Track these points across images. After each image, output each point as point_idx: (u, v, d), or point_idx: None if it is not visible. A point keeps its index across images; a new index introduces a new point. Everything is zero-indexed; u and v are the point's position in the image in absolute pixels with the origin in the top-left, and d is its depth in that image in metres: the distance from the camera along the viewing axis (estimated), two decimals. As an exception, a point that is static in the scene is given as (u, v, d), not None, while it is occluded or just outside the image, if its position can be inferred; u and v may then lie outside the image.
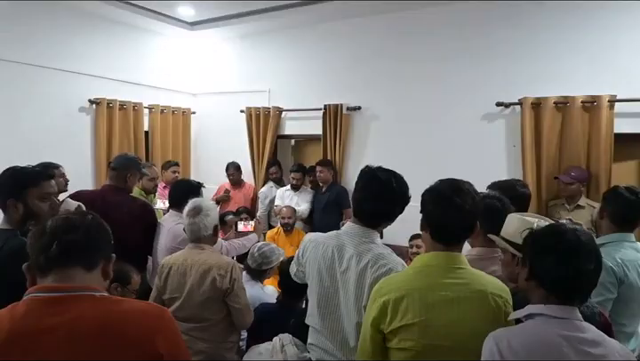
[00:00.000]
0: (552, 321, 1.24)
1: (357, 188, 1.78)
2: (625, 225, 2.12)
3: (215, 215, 2.32)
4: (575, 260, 1.24)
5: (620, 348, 1.25)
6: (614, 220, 2.12)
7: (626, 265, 1.99)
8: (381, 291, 1.47)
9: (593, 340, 1.22)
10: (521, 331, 1.26)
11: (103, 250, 1.23)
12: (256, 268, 2.74)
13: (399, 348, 1.42)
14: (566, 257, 1.25)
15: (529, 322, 1.28)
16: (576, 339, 1.21)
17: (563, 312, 1.24)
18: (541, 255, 1.30)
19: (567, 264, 1.24)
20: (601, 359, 1.19)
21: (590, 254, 1.26)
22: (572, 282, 1.25)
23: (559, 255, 1.25)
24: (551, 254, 1.27)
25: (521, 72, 3.96)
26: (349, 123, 4.80)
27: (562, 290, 1.26)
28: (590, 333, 1.23)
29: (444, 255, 1.46)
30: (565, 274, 1.24)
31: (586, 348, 1.19)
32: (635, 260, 2.03)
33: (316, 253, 1.80)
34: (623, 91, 3.55)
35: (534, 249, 1.33)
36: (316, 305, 1.79)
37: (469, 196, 1.46)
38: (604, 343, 1.23)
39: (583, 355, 1.19)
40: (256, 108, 5.30)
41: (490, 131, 4.11)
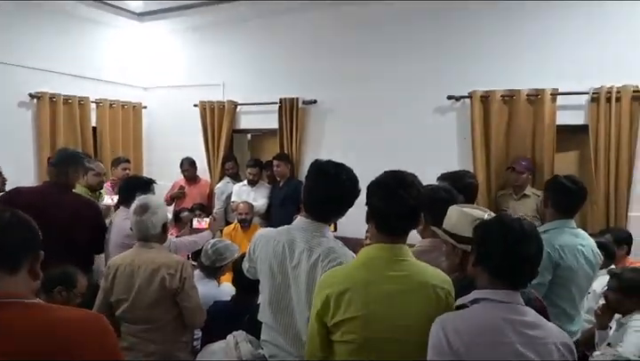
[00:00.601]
0: (496, 305, 1.29)
1: (307, 182, 1.77)
2: (566, 212, 2.22)
3: (164, 213, 2.25)
4: (518, 246, 1.30)
5: (557, 332, 1.32)
6: (557, 207, 2.21)
7: (563, 250, 2.09)
8: (324, 284, 1.48)
9: (533, 323, 1.28)
10: (466, 315, 1.31)
11: (27, 248, 1.10)
12: (210, 265, 2.69)
13: (342, 341, 1.43)
14: (510, 243, 1.31)
15: (474, 306, 1.33)
16: (518, 322, 1.26)
17: (506, 296, 1.30)
18: (488, 242, 1.36)
19: (511, 250, 1.30)
20: (540, 341, 1.25)
21: (532, 241, 1.32)
22: (516, 267, 1.31)
23: (504, 242, 1.31)
24: (497, 241, 1.33)
25: (471, 66, 4.07)
26: (305, 116, 4.79)
27: (506, 275, 1.31)
28: (531, 317, 1.30)
29: (387, 247, 1.47)
30: (509, 259, 1.30)
31: (526, 331, 1.25)
32: (574, 245, 2.14)
33: (267, 249, 1.77)
34: (564, 84, 3.73)
35: (482, 237, 1.39)
36: (267, 301, 1.78)
37: (413, 188, 1.48)
38: (543, 326, 1.29)
39: (524, 337, 1.25)
40: (210, 103, 5.19)
41: (442, 123, 4.22)
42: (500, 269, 1.32)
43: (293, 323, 1.72)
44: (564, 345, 1.28)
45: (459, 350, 1.23)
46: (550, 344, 1.25)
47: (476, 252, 1.39)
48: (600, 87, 3.57)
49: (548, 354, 1.24)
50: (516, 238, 1.31)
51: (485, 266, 1.35)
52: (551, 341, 1.26)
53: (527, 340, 1.24)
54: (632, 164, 3.54)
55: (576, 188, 2.22)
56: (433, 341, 1.28)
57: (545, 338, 1.26)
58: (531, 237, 1.33)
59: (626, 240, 3.25)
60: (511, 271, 1.32)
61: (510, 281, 1.32)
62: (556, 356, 1.25)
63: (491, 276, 1.33)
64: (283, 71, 4.91)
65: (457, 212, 1.71)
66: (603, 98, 3.54)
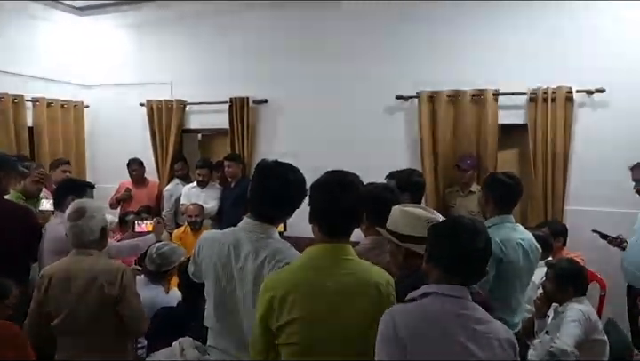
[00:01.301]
0: (445, 299, 1.33)
1: (253, 182, 1.75)
2: (505, 207, 2.30)
3: (102, 217, 2.14)
4: (468, 243, 1.34)
5: (501, 327, 1.37)
6: (496, 203, 2.28)
7: (504, 245, 2.16)
8: (267, 287, 1.46)
9: (480, 319, 1.33)
10: (416, 307, 1.34)
11: None
12: (155, 270, 2.59)
13: (287, 343, 1.42)
14: (460, 240, 1.35)
15: (424, 299, 1.36)
16: (465, 316, 1.31)
17: (455, 291, 1.34)
18: (439, 239, 1.41)
19: (461, 246, 1.35)
20: (484, 335, 1.30)
21: (483, 240, 1.37)
22: (467, 265, 1.35)
23: (454, 239, 1.36)
24: (448, 238, 1.38)
25: (418, 67, 4.17)
26: (256, 116, 4.74)
27: (457, 272, 1.35)
28: (478, 312, 1.34)
29: (330, 247, 1.47)
30: (461, 258, 1.34)
31: (473, 325, 1.30)
32: (514, 239, 2.21)
33: (212, 251, 1.73)
34: (506, 85, 3.89)
35: (434, 235, 1.44)
36: (213, 305, 1.73)
37: (354, 188, 1.49)
38: (490, 323, 1.34)
39: (470, 331, 1.29)
40: (157, 102, 5.02)
41: (391, 122, 4.30)
42: (452, 267, 1.36)
43: (240, 326, 1.68)
44: (506, 341, 1.32)
45: (404, 340, 1.26)
46: (493, 339, 1.30)
47: (430, 250, 1.42)
48: (537, 88, 3.76)
49: (490, 347, 1.28)
50: (469, 238, 1.35)
51: (438, 263, 1.38)
52: (494, 337, 1.30)
53: (472, 334, 1.28)
54: (567, 161, 3.75)
55: (513, 184, 2.30)
56: (381, 330, 1.30)
57: (489, 333, 1.30)
58: (482, 236, 1.37)
59: (562, 233, 3.44)
60: (463, 269, 1.36)
61: (461, 278, 1.36)
62: (497, 351, 1.29)
63: (442, 274, 1.37)
64: (233, 70, 4.82)
65: (400, 211, 1.74)
66: (540, 98, 3.73)
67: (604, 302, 3.30)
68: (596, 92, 3.66)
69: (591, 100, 3.72)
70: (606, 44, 3.64)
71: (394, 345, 1.27)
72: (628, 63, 3.57)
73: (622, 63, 3.58)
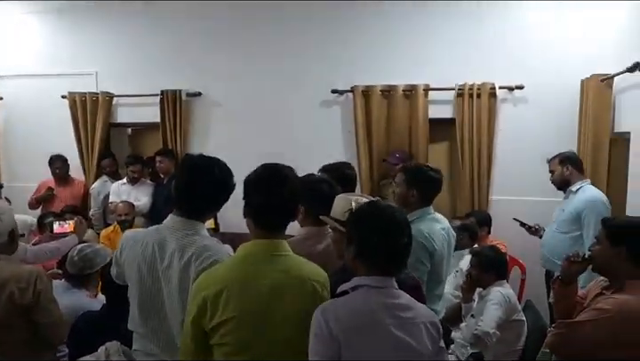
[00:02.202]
0: (373, 290, 1.35)
1: (177, 177, 1.69)
2: (430, 200, 2.34)
3: (10, 219, 1.96)
4: (391, 233, 1.37)
5: (425, 311, 1.42)
6: (421, 197, 2.29)
7: (433, 238, 2.20)
8: (200, 286, 1.42)
9: (405, 305, 1.36)
10: (345, 301, 1.36)
11: None
12: (77, 273, 2.43)
13: (221, 343, 1.39)
14: (383, 232, 1.37)
15: (353, 293, 1.38)
16: (392, 305, 1.34)
17: (382, 282, 1.37)
18: (362, 231, 1.40)
19: (384, 238, 1.36)
20: (411, 321, 1.34)
21: (403, 228, 1.40)
22: (390, 254, 1.37)
23: (377, 231, 1.37)
24: (370, 230, 1.38)
25: (353, 62, 4.22)
26: (190, 109, 4.59)
27: (381, 262, 1.37)
28: (403, 299, 1.38)
29: (265, 243, 1.46)
30: (383, 247, 1.36)
31: (399, 313, 1.34)
32: (437, 231, 2.26)
33: (135, 251, 1.65)
34: (435, 80, 4.04)
35: (356, 226, 1.44)
36: (137, 307, 1.65)
37: (288, 181, 1.48)
38: (414, 307, 1.38)
39: (397, 319, 1.33)
40: (81, 94, 4.71)
41: (327, 116, 4.33)
42: (374, 257, 1.37)
43: (166, 328, 1.62)
44: (432, 324, 1.38)
45: (338, 336, 1.27)
46: (420, 324, 1.35)
47: (353, 241, 1.42)
48: (463, 84, 3.94)
49: (419, 333, 1.33)
50: (386, 227, 1.37)
51: (361, 255, 1.39)
52: (420, 321, 1.35)
53: (400, 322, 1.32)
54: (491, 153, 3.97)
55: (439, 178, 2.34)
56: (314, 329, 1.30)
57: (415, 318, 1.35)
58: (400, 225, 1.40)
59: (486, 222, 3.65)
60: (383, 259, 1.37)
61: (386, 267, 1.38)
62: (425, 335, 1.34)
63: (367, 265, 1.38)
64: (164, 61, 4.63)
65: (343, 199, 1.76)
66: (466, 94, 3.92)
67: (524, 285, 3.54)
68: (516, 88, 3.90)
69: (512, 95, 3.97)
70: (527, 43, 3.88)
71: (327, 343, 1.28)
72: (544, 62, 3.83)
73: (540, 62, 3.83)
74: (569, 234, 3.09)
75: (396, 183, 2.38)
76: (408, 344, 1.31)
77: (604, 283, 1.97)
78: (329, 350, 1.28)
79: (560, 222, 3.20)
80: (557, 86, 3.81)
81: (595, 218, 2.88)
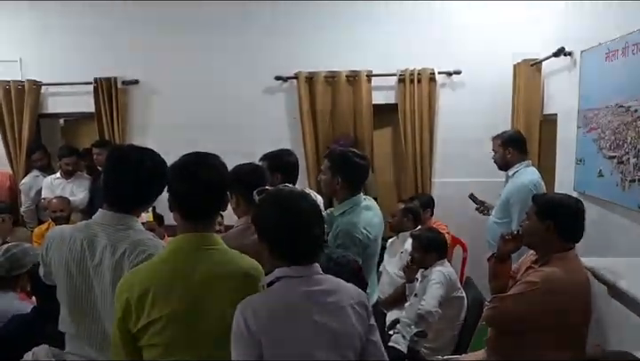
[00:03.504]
0: (294, 281, 1.31)
1: (106, 170, 1.61)
2: (357, 188, 2.25)
3: None
4: (298, 222, 1.32)
5: (352, 290, 1.38)
6: (350, 186, 2.21)
7: (369, 230, 2.16)
8: (124, 286, 1.35)
9: (329, 290, 1.33)
10: (265, 296, 1.32)
11: None
12: (4, 274, 2.27)
13: (149, 344, 1.33)
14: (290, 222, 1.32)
15: (273, 286, 1.33)
16: (315, 292, 1.31)
17: (303, 271, 1.32)
18: (270, 226, 1.35)
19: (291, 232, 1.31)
20: (337, 305, 1.31)
21: (312, 215, 1.36)
22: (300, 243, 1.32)
23: (284, 222, 1.32)
24: (277, 223, 1.33)
25: (296, 48, 4.19)
26: (127, 98, 4.37)
27: (295, 255, 1.32)
28: (327, 284, 1.34)
29: (193, 237, 1.40)
30: (292, 241, 1.31)
31: (322, 299, 1.30)
32: (370, 220, 2.22)
33: (62, 249, 1.56)
34: (378, 66, 4.09)
35: (262, 222, 1.38)
36: (67, 308, 1.57)
37: (214, 169, 1.43)
38: (340, 290, 1.34)
39: (321, 305, 1.29)
40: (5, 82, 4.35)
41: (271, 103, 4.29)
42: (285, 253, 1.33)
43: (100, 328, 1.55)
44: (359, 304, 1.34)
45: (257, 333, 1.22)
46: (347, 307, 1.31)
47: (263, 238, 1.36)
48: (405, 69, 4.01)
49: (344, 315, 1.30)
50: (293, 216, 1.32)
51: (273, 250, 1.34)
52: (347, 304, 1.32)
53: (324, 308, 1.29)
54: (433, 137, 4.09)
55: (366, 164, 2.27)
56: (234, 329, 1.25)
57: (341, 301, 1.31)
58: (308, 212, 1.35)
59: (429, 204, 3.77)
60: (295, 249, 1.32)
61: (301, 257, 1.33)
62: (352, 317, 1.31)
63: (283, 257, 1.33)
64: (97, 47, 4.34)
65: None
66: (407, 79, 4.00)
67: (465, 263, 3.70)
68: (454, 73, 4.03)
69: (450, 80, 4.10)
70: (463, 29, 4.01)
71: (247, 342, 1.23)
72: (479, 48, 3.97)
73: (475, 47, 3.98)
74: (501, 220, 3.08)
75: (322, 170, 2.31)
76: (332, 328, 1.28)
77: (534, 257, 2.10)
78: (249, 351, 1.23)
79: (496, 208, 3.22)
80: (492, 71, 3.98)
81: (520, 205, 2.85)
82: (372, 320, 1.38)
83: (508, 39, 3.92)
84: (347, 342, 1.31)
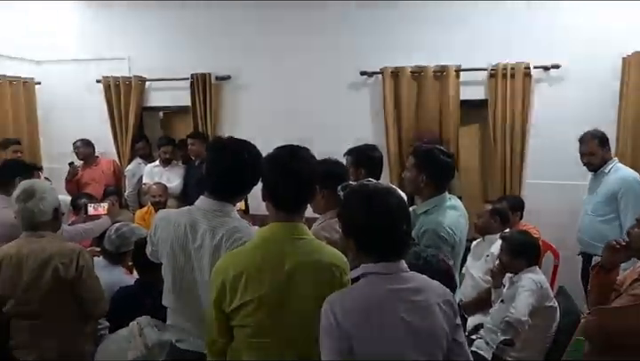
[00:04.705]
0: (381, 277, 1.30)
1: (207, 160, 1.73)
2: (443, 187, 2.18)
3: (53, 197, 2.06)
4: (384, 218, 1.30)
5: (440, 289, 1.35)
6: (436, 185, 2.14)
7: (454, 230, 2.09)
8: (219, 269, 1.44)
9: (416, 289, 1.31)
10: (352, 292, 1.33)
11: None
12: (114, 251, 2.53)
13: (241, 325, 1.41)
14: (376, 218, 1.30)
15: (360, 281, 1.34)
16: (401, 290, 1.29)
17: (390, 268, 1.31)
18: (355, 222, 1.34)
19: (378, 225, 1.30)
20: (423, 304, 1.30)
21: (396, 208, 1.33)
22: (386, 239, 1.30)
23: (368, 215, 1.31)
24: (363, 219, 1.32)
25: (382, 43, 4.15)
26: (219, 93, 4.63)
27: (379, 248, 1.31)
28: (414, 283, 1.32)
29: (284, 226, 1.46)
30: (377, 232, 1.29)
31: (410, 297, 1.29)
32: (456, 220, 2.15)
33: (168, 231, 1.70)
34: (467, 61, 3.93)
35: (348, 218, 1.38)
36: (171, 285, 1.71)
37: (305, 162, 1.48)
38: (426, 289, 1.33)
39: (408, 303, 1.28)
40: (115, 78, 4.82)
41: (356, 98, 4.29)
42: (369, 245, 1.32)
43: (198, 306, 1.67)
44: (445, 302, 1.33)
45: (348, 330, 1.23)
46: (434, 305, 1.30)
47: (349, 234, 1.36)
48: (497, 64, 3.82)
49: (431, 315, 1.29)
50: (381, 212, 1.30)
51: (358, 245, 1.34)
52: (434, 302, 1.30)
53: (412, 307, 1.28)
54: (525, 135, 3.85)
55: (452, 162, 2.20)
56: (323, 323, 1.27)
57: (428, 300, 1.30)
58: (393, 206, 1.32)
59: (519, 207, 3.56)
60: (381, 244, 1.31)
61: (385, 254, 1.31)
62: (439, 316, 1.30)
63: (368, 254, 1.33)
64: (194, 45, 4.66)
65: None
66: (499, 74, 3.80)
67: (556, 271, 3.46)
68: (552, 67, 3.75)
69: (548, 75, 3.82)
70: (564, 20, 3.71)
71: (337, 337, 1.24)
72: (582, 39, 3.65)
73: (577, 39, 3.66)
74: (605, 216, 3.00)
75: (407, 167, 2.25)
76: (421, 328, 1.27)
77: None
78: (339, 344, 1.24)
79: (595, 205, 3.09)
80: (597, 64, 3.64)
81: (633, 198, 2.81)
82: (457, 319, 1.36)
83: (617, 29, 3.57)
84: (434, 342, 1.29)
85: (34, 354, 1.99)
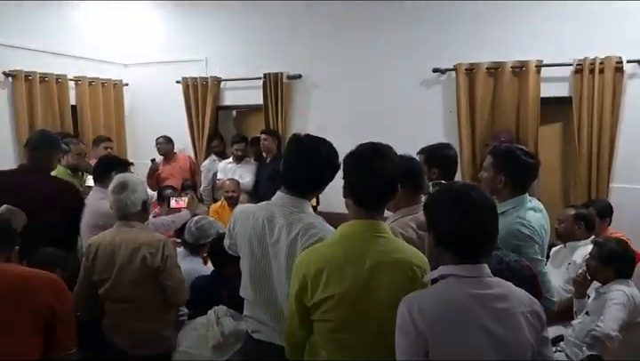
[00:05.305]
0: (462, 280, 1.25)
1: (285, 156, 1.75)
2: (523, 189, 2.07)
3: (143, 190, 2.21)
4: (471, 215, 1.24)
5: (526, 298, 1.28)
6: (514, 186, 2.04)
7: (533, 226, 1.97)
8: (301, 264, 1.46)
9: (500, 295, 1.24)
10: (431, 293, 1.28)
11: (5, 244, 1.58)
12: (193, 242, 2.68)
13: (322, 319, 1.43)
14: (462, 214, 1.25)
15: (439, 283, 1.29)
16: (484, 296, 1.23)
17: (472, 271, 1.26)
18: (440, 217, 1.30)
19: (464, 221, 1.24)
20: (508, 313, 1.23)
21: (485, 208, 1.27)
22: (472, 238, 1.25)
23: (455, 214, 1.25)
24: (447, 214, 1.27)
25: (456, 38, 4.03)
26: (290, 91, 4.72)
27: (465, 248, 1.26)
28: (498, 289, 1.26)
29: (365, 223, 1.45)
30: (464, 231, 1.24)
31: (493, 304, 1.22)
32: (537, 220, 2.03)
33: (247, 225, 1.75)
34: (549, 56, 3.70)
35: (431, 210, 1.35)
36: (248, 277, 1.77)
37: (389, 159, 1.46)
38: (511, 296, 1.26)
39: (491, 310, 1.21)
40: (193, 79, 5.08)
41: (427, 96, 4.20)
42: (455, 244, 1.27)
43: (274, 298, 1.71)
44: (532, 313, 1.25)
45: (424, 331, 1.20)
46: (518, 315, 1.23)
47: (432, 229, 1.33)
48: (584, 59, 3.55)
49: (516, 324, 1.22)
50: (465, 209, 1.25)
51: (441, 242, 1.30)
52: (519, 312, 1.23)
53: (495, 314, 1.21)
54: (614, 136, 3.56)
55: (534, 163, 2.07)
56: (398, 322, 1.25)
57: (513, 308, 1.23)
58: (480, 205, 1.26)
59: (608, 213, 3.29)
60: (467, 244, 1.26)
61: (470, 254, 1.26)
62: (525, 327, 1.22)
63: (451, 253, 1.28)
64: (266, 45, 4.81)
65: None
66: (586, 69, 3.54)
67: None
68: (649, 61, 3.43)
69: (643, 70, 3.50)
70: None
71: (413, 337, 1.21)
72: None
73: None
74: None
75: (484, 167, 2.14)
76: (502, 336, 1.19)
77: None
78: (414, 346, 1.21)
79: None
80: None
81: None
82: (545, 332, 1.27)
83: None
84: (518, 353, 1.22)
85: (123, 335, 2.15)
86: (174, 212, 3.10)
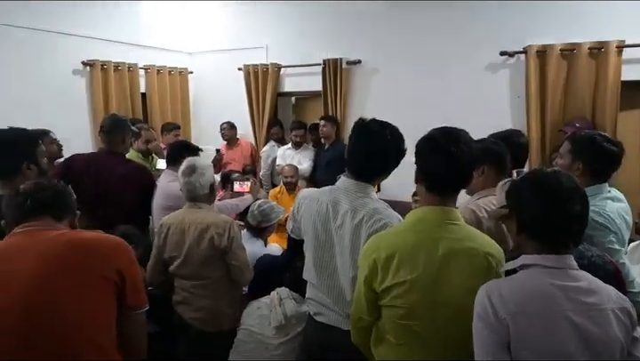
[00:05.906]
0: (546, 271, 1.20)
1: (350, 141, 1.75)
2: (598, 176, 1.95)
3: (210, 174, 2.30)
4: (559, 203, 1.19)
5: (614, 295, 1.21)
6: (593, 175, 1.93)
7: (610, 216, 1.87)
8: (371, 249, 1.45)
9: (588, 289, 1.18)
10: (513, 282, 1.23)
11: (68, 208, 1.58)
12: (256, 225, 2.75)
13: (391, 305, 1.42)
14: (550, 201, 1.20)
15: (522, 272, 1.25)
16: (570, 288, 1.18)
17: (557, 262, 1.20)
18: (523, 201, 1.26)
19: (552, 208, 1.19)
20: (596, 308, 1.16)
21: (574, 195, 1.21)
22: (561, 226, 1.20)
23: (543, 201, 1.20)
24: (535, 201, 1.22)
25: (526, 19, 3.81)
26: (349, 77, 4.69)
27: (552, 237, 1.21)
28: (585, 282, 1.20)
29: (437, 210, 1.43)
30: (552, 219, 1.19)
31: (580, 297, 1.17)
32: (616, 210, 1.91)
33: (311, 209, 1.78)
34: (632, 36, 3.41)
35: (516, 196, 1.29)
36: (312, 260, 1.80)
37: (464, 144, 1.41)
38: (599, 291, 1.20)
39: (577, 303, 1.16)
40: (254, 66, 5.18)
41: (494, 81, 4.02)
42: (541, 232, 1.21)
43: (337, 282, 1.73)
44: (622, 310, 1.19)
45: (505, 319, 1.16)
46: (607, 310, 1.16)
47: (515, 217, 1.28)
48: (673, 37, 3.24)
49: (605, 321, 1.15)
50: (554, 196, 1.19)
51: (526, 231, 1.25)
52: (609, 308, 1.17)
53: (581, 308, 1.16)
54: None
55: (616, 151, 1.92)
56: (477, 310, 1.21)
57: (601, 304, 1.17)
58: (570, 192, 1.20)
59: (696, 205, 3.01)
60: (555, 232, 1.20)
61: (556, 243, 1.21)
62: (614, 324, 1.16)
63: (535, 242, 1.23)
64: (325, 31, 4.80)
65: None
66: (677, 49, 3.22)
67: None
68: None
69: None
70: None
71: (493, 326, 1.16)
72: None
73: None
74: None
75: (560, 154, 2.05)
76: (590, 332, 1.13)
77: None
78: (495, 335, 1.16)
79: None
80: None
81: None
82: (636, 332, 1.19)
83: None
84: (606, 351, 1.15)
85: (191, 311, 2.27)
86: (237, 195, 3.20)
